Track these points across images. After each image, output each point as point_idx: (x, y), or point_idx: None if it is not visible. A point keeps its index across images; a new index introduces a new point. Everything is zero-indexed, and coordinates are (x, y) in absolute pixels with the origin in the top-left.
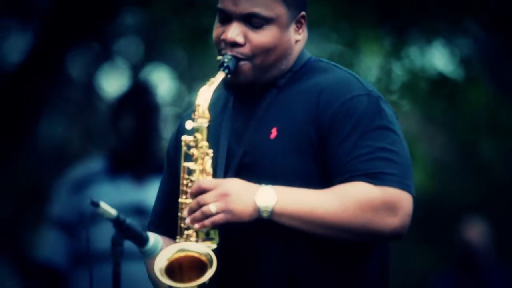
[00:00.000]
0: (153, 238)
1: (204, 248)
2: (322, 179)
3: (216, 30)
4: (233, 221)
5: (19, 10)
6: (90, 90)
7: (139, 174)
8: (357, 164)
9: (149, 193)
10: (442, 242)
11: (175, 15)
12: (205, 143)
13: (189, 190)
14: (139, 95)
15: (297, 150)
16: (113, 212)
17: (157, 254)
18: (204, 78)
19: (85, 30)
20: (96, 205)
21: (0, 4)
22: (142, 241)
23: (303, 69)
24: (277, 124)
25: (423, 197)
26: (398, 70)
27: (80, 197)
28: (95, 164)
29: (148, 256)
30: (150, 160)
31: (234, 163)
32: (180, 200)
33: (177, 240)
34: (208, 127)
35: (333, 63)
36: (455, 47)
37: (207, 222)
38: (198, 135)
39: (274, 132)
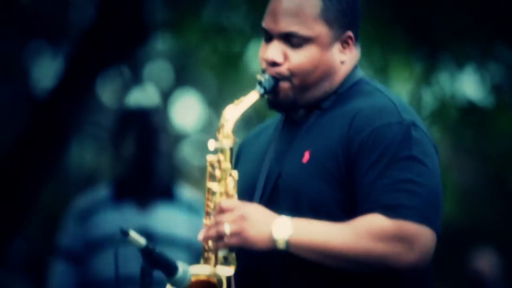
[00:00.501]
0: (182, 268)
1: (216, 272)
2: (349, 206)
3: (261, 49)
4: (246, 247)
5: (50, 33)
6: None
7: (143, 199)
8: (378, 195)
9: (154, 218)
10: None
11: (206, 41)
12: (227, 165)
13: (211, 211)
14: (139, 118)
15: (325, 175)
16: (142, 241)
17: (186, 284)
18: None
19: (115, 54)
20: (126, 234)
21: (31, 27)
22: (171, 270)
23: (349, 91)
24: (310, 148)
25: (452, 225)
26: (428, 97)
27: (86, 226)
28: (99, 192)
29: (177, 286)
30: (154, 184)
31: (270, 184)
32: (204, 221)
33: (200, 263)
34: (244, 147)
35: (379, 86)
36: (486, 73)
37: (220, 243)
38: (221, 156)
39: (306, 156)
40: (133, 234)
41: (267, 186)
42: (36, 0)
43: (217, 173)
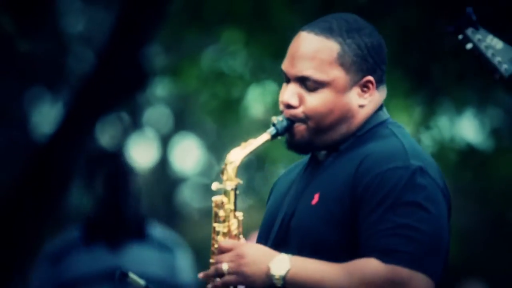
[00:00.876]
0: None
1: None
2: (354, 249)
3: (281, 91)
4: (245, 285)
5: (49, 80)
6: None
7: (114, 240)
8: (376, 239)
9: (125, 258)
10: None
11: (205, 86)
12: (231, 206)
13: (215, 251)
14: (107, 161)
15: (330, 218)
16: (141, 282)
17: None
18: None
19: (114, 100)
20: (125, 275)
21: (31, 74)
22: None
23: (367, 134)
24: (320, 190)
25: (452, 266)
26: (427, 141)
27: (58, 269)
28: (70, 234)
29: None
30: (125, 225)
31: (284, 224)
32: (210, 260)
33: None
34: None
35: (396, 130)
36: (485, 117)
37: (218, 281)
38: (224, 197)
39: (316, 198)
40: (132, 275)
41: (283, 225)
42: (36, 47)
43: (221, 213)
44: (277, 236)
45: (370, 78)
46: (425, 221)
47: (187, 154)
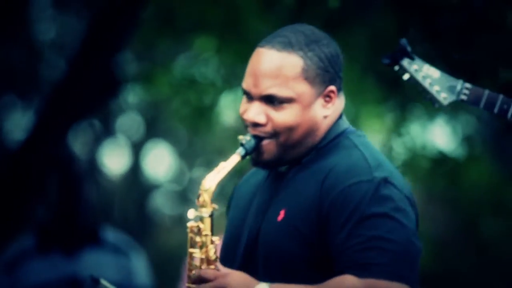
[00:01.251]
0: None
1: None
2: (321, 265)
3: (242, 106)
4: None
5: (20, 87)
6: (92, 166)
7: (69, 246)
8: (348, 255)
9: (82, 264)
10: None
11: (177, 93)
12: (208, 233)
13: (193, 276)
14: (61, 166)
15: (296, 235)
16: None
17: None
18: (205, 155)
19: (86, 107)
20: (97, 281)
21: (1, 82)
22: None
23: (329, 145)
24: (286, 206)
25: (424, 275)
26: (399, 148)
27: (13, 277)
28: (24, 241)
29: None
30: (79, 230)
31: (251, 240)
32: (186, 285)
33: None
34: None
35: (357, 141)
36: (457, 124)
37: None
38: (200, 224)
39: (281, 214)
40: (104, 282)
41: (249, 241)
42: (7, 55)
43: (198, 239)
44: (245, 252)
45: (332, 88)
46: (395, 231)
47: (159, 161)
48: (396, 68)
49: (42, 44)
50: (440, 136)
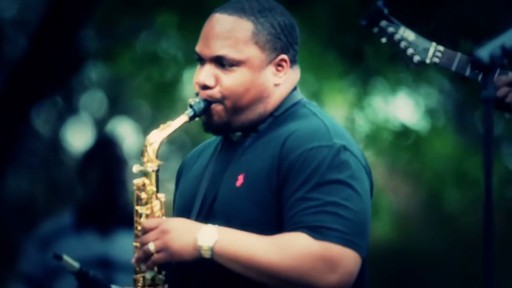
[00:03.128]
0: None
1: None
2: (281, 230)
3: (196, 73)
4: (174, 260)
5: None
6: (56, 144)
7: (105, 227)
8: (303, 216)
9: (115, 246)
10: None
11: (139, 69)
12: (152, 188)
13: (139, 234)
14: (105, 148)
15: (257, 199)
16: (75, 264)
17: None
18: None
19: (49, 84)
20: (59, 258)
21: None
22: None
23: (286, 114)
24: (244, 171)
25: (387, 248)
26: (362, 121)
27: (47, 252)
28: (62, 219)
29: None
30: (116, 212)
31: (205, 207)
32: (134, 243)
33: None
34: (184, 169)
35: (316, 110)
36: (419, 97)
37: (149, 263)
38: (145, 179)
39: (240, 180)
40: (66, 258)
41: (203, 208)
42: None
43: (143, 195)
44: (199, 221)
45: (284, 56)
46: (351, 198)
47: (123, 137)
48: (375, 30)
49: (3, 21)
50: (402, 109)
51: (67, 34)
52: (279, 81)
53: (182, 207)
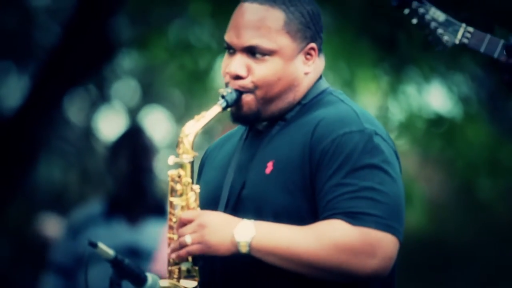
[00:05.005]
0: (151, 278)
1: (180, 285)
2: (314, 215)
3: (224, 62)
4: (210, 254)
5: (16, 53)
6: (88, 133)
7: (134, 216)
8: (339, 202)
9: (144, 234)
10: (437, 282)
11: (172, 57)
12: (188, 179)
13: (174, 225)
14: (133, 137)
15: (288, 186)
16: (111, 252)
17: None
18: None
19: (82, 72)
20: (94, 245)
21: None
22: (140, 281)
23: (313, 101)
24: (274, 158)
25: (420, 236)
26: (395, 110)
27: (77, 241)
28: (92, 207)
29: None
30: (145, 201)
31: (233, 195)
32: (168, 235)
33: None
34: (206, 160)
35: (343, 97)
36: (452, 85)
37: (182, 252)
38: (181, 171)
39: (270, 167)
40: (102, 246)
41: (231, 196)
42: (1, 21)
43: (178, 187)
44: (227, 208)
45: (313, 45)
46: (385, 183)
47: (156, 126)
48: (406, 11)
49: (37, 9)
50: (435, 97)
51: (100, 22)
52: (309, 70)
53: (208, 197)
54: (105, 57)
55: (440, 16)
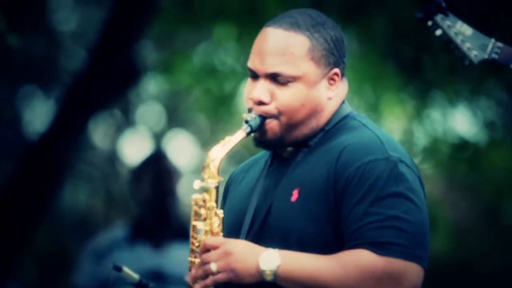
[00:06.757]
0: None
1: None
2: (339, 244)
3: (247, 88)
4: (235, 282)
5: (41, 78)
6: (113, 157)
7: (158, 239)
8: (365, 232)
9: (168, 258)
10: None
11: (197, 82)
12: (213, 204)
13: (197, 250)
14: (155, 161)
15: (314, 214)
16: (135, 276)
17: None
18: None
19: (107, 97)
20: (119, 269)
21: (22, 72)
22: None
23: (336, 127)
24: (299, 186)
25: (446, 261)
26: (420, 134)
27: (102, 265)
28: (116, 231)
29: None
30: (169, 225)
31: (258, 221)
32: (189, 258)
33: None
34: (230, 186)
35: (366, 122)
36: (478, 109)
37: (208, 281)
38: (206, 195)
39: (295, 194)
40: (127, 270)
41: (255, 222)
42: (27, 45)
43: (203, 211)
44: (250, 234)
45: (336, 70)
46: (411, 211)
47: (181, 151)
48: (429, 23)
49: (62, 34)
50: (460, 121)
51: (125, 46)
52: (332, 95)
53: (231, 222)
54: (130, 81)
55: (467, 30)
